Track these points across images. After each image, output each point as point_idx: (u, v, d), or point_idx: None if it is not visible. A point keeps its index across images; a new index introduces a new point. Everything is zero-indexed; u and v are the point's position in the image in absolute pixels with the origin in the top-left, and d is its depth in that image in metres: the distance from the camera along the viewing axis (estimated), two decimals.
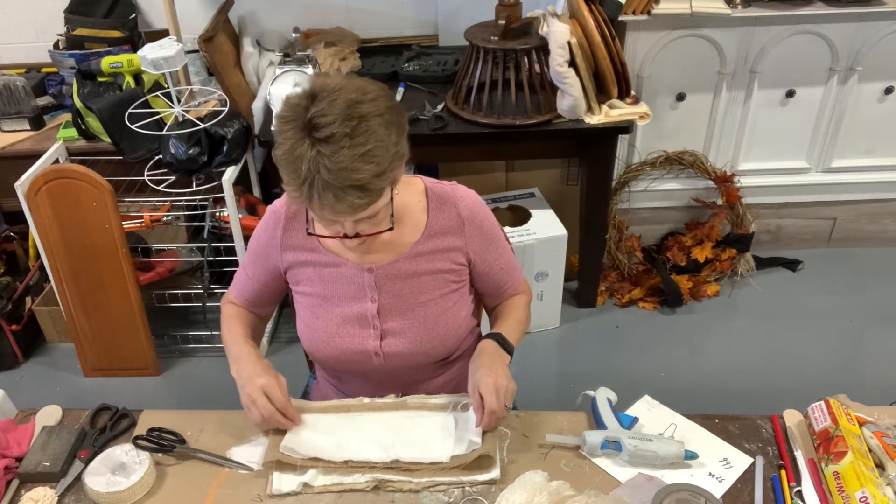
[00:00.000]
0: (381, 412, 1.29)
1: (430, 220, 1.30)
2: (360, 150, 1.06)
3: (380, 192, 1.11)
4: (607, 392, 1.31)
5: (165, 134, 2.23)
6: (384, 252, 1.29)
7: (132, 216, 2.32)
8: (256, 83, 2.60)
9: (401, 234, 1.29)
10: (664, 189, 2.77)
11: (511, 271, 1.41)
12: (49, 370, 2.54)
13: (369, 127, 1.07)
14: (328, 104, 1.06)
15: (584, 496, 1.10)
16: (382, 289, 1.30)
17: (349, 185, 1.06)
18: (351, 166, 1.05)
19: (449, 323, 1.33)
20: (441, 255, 1.31)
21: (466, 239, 1.32)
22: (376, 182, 1.08)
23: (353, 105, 1.07)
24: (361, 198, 1.08)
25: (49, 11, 2.70)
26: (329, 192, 1.06)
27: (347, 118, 1.06)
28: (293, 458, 1.20)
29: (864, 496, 1.06)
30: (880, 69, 2.54)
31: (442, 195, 1.31)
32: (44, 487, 1.20)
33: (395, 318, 1.31)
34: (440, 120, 2.29)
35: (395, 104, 1.14)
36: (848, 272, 2.84)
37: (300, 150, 1.05)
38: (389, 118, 1.10)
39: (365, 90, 1.10)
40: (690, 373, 2.43)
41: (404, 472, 1.19)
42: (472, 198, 1.34)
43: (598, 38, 2.17)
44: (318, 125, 1.05)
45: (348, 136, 1.05)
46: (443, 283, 1.32)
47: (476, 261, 1.34)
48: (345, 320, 1.31)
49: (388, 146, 1.09)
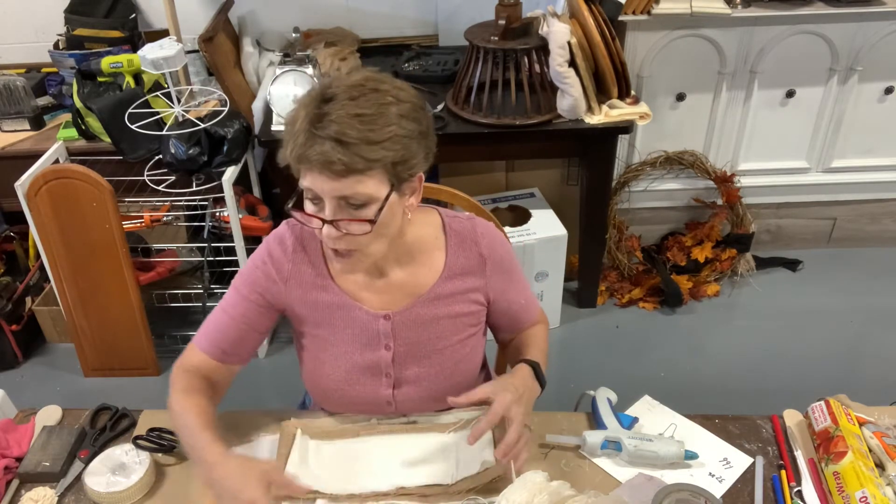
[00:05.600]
0: (389, 435, 1.24)
1: (448, 260, 1.21)
2: (356, 111, 0.99)
3: (368, 166, 0.99)
4: (607, 392, 1.31)
5: (165, 134, 2.23)
6: (400, 295, 1.21)
7: (132, 216, 2.32)
8: (256, 83, 2.60)
9: (417, 274, 1.21)
10: (664, 189, 2.77)
11: (529, 305, 1.33)
12: (49, 370, 2.54)
13: (378, 100, 1.01)
14: (345, 77, 1.03)
15: (584, 496, 1.10)
16: (398, 336, 1.21)
17: (332, 138, 0.97)
18: (340, 121, 0.98)
19: (466, 369, 1.27)
20: (461, 297, 1.23)
21: (487, 279, 1.23)
22: (365, 149, 0.98)
23: (370, 80, 1.03)
24: (343, 156, 0.97)
25: (49, 11, 2.70)
26: (311, 143, 0.98)
27: (357, 86, 1.01)
28: (297, 492, 1.14)
29: (864, 496, 1.06)
30: (880, 69, 2.54)
31: (461, 232, 1.22)
32: (44, 487, 1.20)
33: (410, 367, 1.23)
34: (440, 120, 2.29)
35: (425, 113, 1.08)
36: (848, 272, 2.84)
37: (303, 110, 1.01)
38: (410, 113, 1.03)
39: (395, 82, 1.05)
40: (690, 373, 2.43)
41: (419, 498, 1.15)
42: (493, 233, 1.25)
43: (598, 38, 2.17)
44: (327, 92, 1.01)
45: (350, 99, 1.00)
46: (461, 328, 1.24)
47: (495, 299, 1.26)
48: (356, 368, 1.23)
49: (395, 131, 1.01)
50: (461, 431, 1.24)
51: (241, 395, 2.37)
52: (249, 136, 2.36)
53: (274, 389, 2.40)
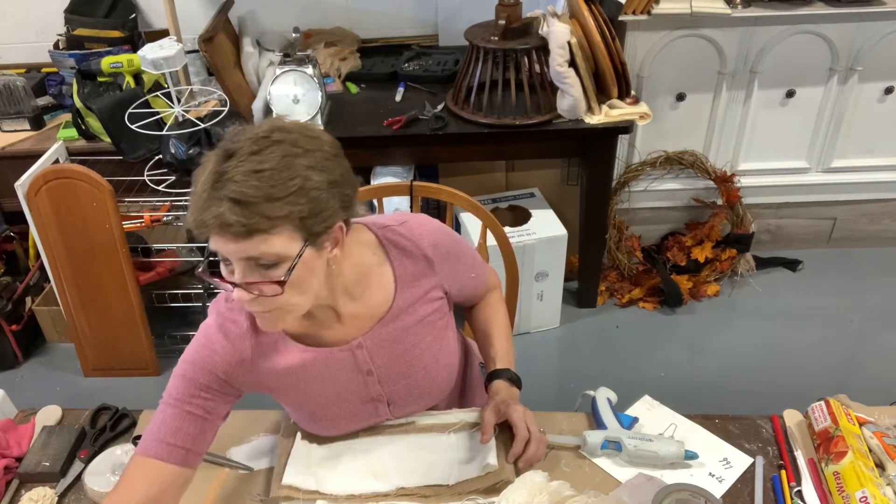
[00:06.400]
0: (389, 435, 1.25)
1: (397, 273, 1.17)
2: (256, 167, 0.92)
3: (272, 224, 0.92)
4: (607, 392, 1.31)
5: (165, 134, 2.23)
6: (362, 321, 1.17)
7: (132, 216, 2.32)
8: (256, 83, 2.60)
9: (372, 298, 1.16)
10: (664, 189, 2.77)
11: (478, 274, 1.33)
12: (49, 370, 2.54)
13: (283, 152, 0.94)
14: (250, 129, 0.97)
15: (584, 496, 1.10)
16: (376, 358, 1.19)
17: (230, 198, 0.90)
18: (239, 179, 0.91)
19: (447, 360, 1.26)
20: (421, 300, 1.20)
21: (438, 273, 1.21)
22: (266, 208, 0.91)
23: (275, 130, 0.96)
24: (241, 217, 0.90)
25: (49, 11, 2.70)
26: (208, 205, 0.91)
27: (260, 139, 0.95)
28: (297, 493, 1.16)
29: (864, 496, 1.06)
30: (880, 69, 2.54)
31: (399, 242, 1.18)
32: (44, 487, 1.20)
33: (397, 381, 1.22)
34: (440, 120, 2.29)
35: (341, 160, 1.01)
36: (848, 272, 2.84)
37: (206, 167, 0.95)
38: (319, 163, 0.96)
39: (306, 129, 0.99)
40: (690, 373, 2.43)
41: (419, 498, 1.15)
42: (430, 228, 1.21)
43: (598, 38, 2.17)
44: (230, 147, 0.95)
45: (252, 153, 0.93)
46: (431, 327, 1.23)
47: (451, 286, 1.25)
48: (349, 405, 1.21)
49: (301, 183, 0.94)
50: (461, 432, 1.24)
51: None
52: None
53: None
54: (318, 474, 1.19)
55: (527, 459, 1.17)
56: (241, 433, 1.28)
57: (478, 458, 1.19)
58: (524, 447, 1.18)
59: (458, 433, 1.24)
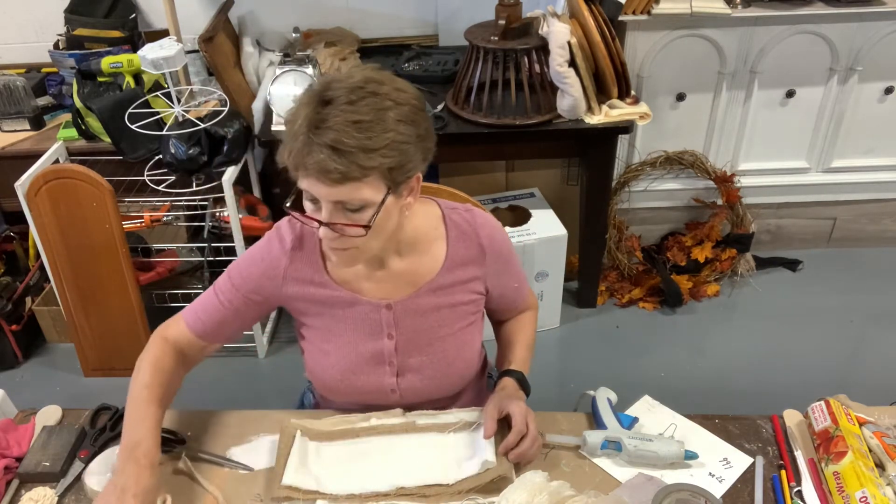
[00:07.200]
0: (388, 435, 1.25)
1: (450, 251, 1.24)
2: (353, 117, 0.99)
3: (364, 174, 1.01)
4: (607, 392, 1.31)
5: (165, 134, 2.23)
6: (401, 284, 1.23)
7: (132, 216, 2.32)
8: (256, 83, 2.60)
9: (418, 264, 1.23)
10: (664, 189, 2.78)
11: (522, 288, 1.38)
12: (49, 370, 2.54)
13: (377, 105, 1.01)
14: (345, 79, 1.04)
15: (584, 496, 1.10)
16: (401, 325, 1.24)
17: (328, 145, 0.98)
18: (338, 128, 0.99)
19: (467, 356, 1.29)
20: (461, 286, 1.25)
21: (487, 268, 1.26)
22: (361, 157, 0.99)
23: (369, 81, 1.03)
24: (339, 165, 0.98)
25: (49, 11, 2.70)
26: (308, 149, 0.99)
27: (356, 89, 1.02)
28: (297, 493, 1.16)
29: (864, 496, 1.06)
30: (880, 69, 2.54)
31: (461, 224, 1.25)
32: (44, 487, 1.20)
33: (413, 355, 1.25)
34: (440, 120, 2.29)
35: (425, 115, 1.09)
36: (848, 272, 2.84)
37: (303, 110, 1.02)
38: (408, 117, 1.04)
39: (395, 82, 1.06)
40: (690, 373, 2.43)
41: (419, 498, 1.15)
42: (491, 223, 1.28)
43: (598, 38, 2.17)
44: (327, 94, 1.02)
45: (349, 103, 1.00)
46: (462, 316, 1.27)
47: (493, 286, 1.30)
48: (359, 358, 1.25)
49: (393, 137, 1.02)
50: (461, 432, 1.24)
51: (241, 395, 2.38)
52: (249, 137, 2.36)
53: (274, 389, 2.40)
54: (317, 474, 1.19)
55: (518, 454, 1.17)
56: (241, 433, 1.28)
57: (477, 456, 1.19)
58: (519, 441, 1.18)
59: (458, 433, 1.24)
